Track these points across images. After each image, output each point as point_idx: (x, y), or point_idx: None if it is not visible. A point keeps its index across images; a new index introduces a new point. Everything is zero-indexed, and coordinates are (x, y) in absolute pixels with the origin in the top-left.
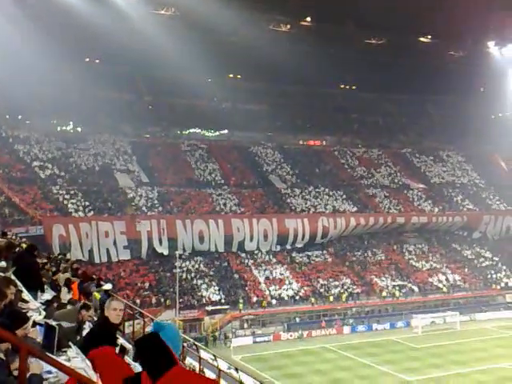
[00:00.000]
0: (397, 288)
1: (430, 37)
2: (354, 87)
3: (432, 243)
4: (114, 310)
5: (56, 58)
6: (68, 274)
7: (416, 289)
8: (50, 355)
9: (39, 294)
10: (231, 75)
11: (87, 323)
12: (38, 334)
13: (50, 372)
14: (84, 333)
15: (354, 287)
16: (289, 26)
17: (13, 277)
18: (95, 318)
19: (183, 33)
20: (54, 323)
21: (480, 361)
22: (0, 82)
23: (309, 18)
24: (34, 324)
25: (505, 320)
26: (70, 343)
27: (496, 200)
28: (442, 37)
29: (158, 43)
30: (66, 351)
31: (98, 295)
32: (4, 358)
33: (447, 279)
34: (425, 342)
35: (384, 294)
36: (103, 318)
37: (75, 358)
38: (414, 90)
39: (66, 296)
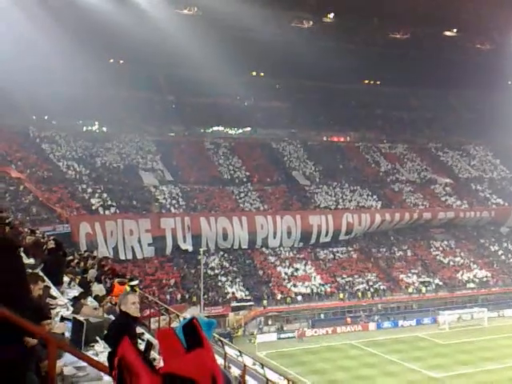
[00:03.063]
0: (423, 284)
1: (455, 30)
2: (378, 82)
3: (459, 239)
4: (133, 304)
5: (81, 58)
6: (94, 271)
7: (443, 285)
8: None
9: (65, 289)
10: (254, 73)
11: None
12: (64, 329)
13: (79, 368)
14: None
15: (380, 283)
16: (311, 23)
17: (41, 273)
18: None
19: (206, 31)
20: (81, 318)
21: (509, 357)
22: (27, 83)
23: (331, 15)
24: (62, 319)
25: None
26: (98, 338)
27: None
28: (467, 30)
29: (180, 42)
30: (93, 346)
31: (128, 288)
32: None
33: (475, 275)
34: (452, 338)
35: (410, 290)
36: (123, 314)
37: (103, 353)
38: (440, 84)
39: (101, 291)
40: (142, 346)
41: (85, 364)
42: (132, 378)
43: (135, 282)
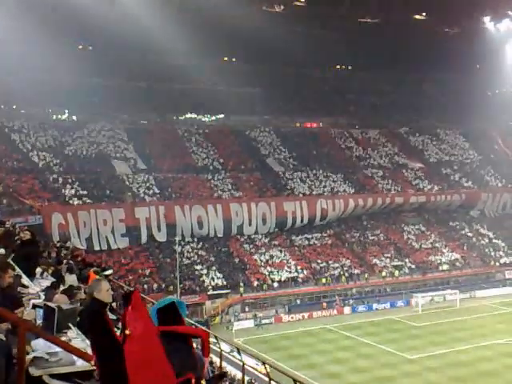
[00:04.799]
0: (396, 268)
1: (424, 14)
2: (349, 67)
3: (431, 222)
4: (107, 291)
5: (49, 46)
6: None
7: (415, 268)
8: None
9: (38, 279)
10: (226, 58)
11: None
12: (35, 316)
13: (51, 353)
14: None
15: (354, 268)
16: (282, 7)
17: (11, 262)
18: None
19: (176, 16)
20: (53, 305)
21: (481, 337)
22: None
23: None
24: (34, 306)
25: (504, 296)
26: (70, 324)
27: (494, 177)
28: (436, 14)
29: (151, 28)
30: (66, 332)
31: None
32: (4, 339)
33: (446, 258)
34: (425, 320)
35: (384, 273)
36: (95, 301)
37: (75, 339)
38: (410, 69)
39: (74, 282)
40: (118, 332)
41: (57, 349)
42: (131, 324)
43: (109, 272)
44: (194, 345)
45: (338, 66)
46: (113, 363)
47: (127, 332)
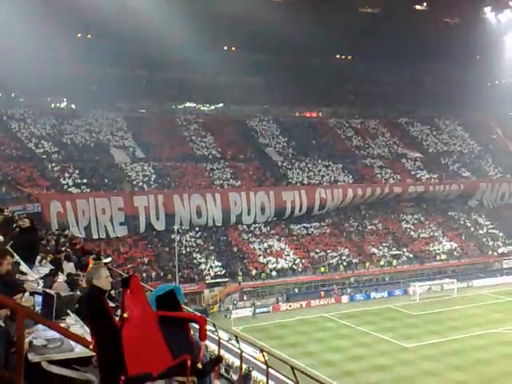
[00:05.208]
0: (394, 257)
1: (425, 4)
2: (349, 57)
3: (429, 212)
4: (107, 278)
5: (48, 34)
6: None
7: (413, 257)
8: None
9: (36, 267)
10: (225, 47)
11: None
12: (33, 302)
13: (49, 339)
14: None
15: (352, 257)
16: None
17: (10, 249)
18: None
19: (176, 4)
20: (52, 292)
21: (477, 326)
22: None
23: None
24: (33, 293)
25: (501, 286)
26: (69, 311)
27: (492, 167)
28: (437, 4)
29: (150, 16)
30: (64, 319)
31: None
32: (3, 325)
33: (444, 247)
34: (422, 309)
35: (381, 263)
36: (94, 288)
37: (74, 325)
38: (410, 59)
39: (72, 270)
40: (117, 318)
41: (55, 336)
42: (129, 306)
43: (108, 260)
44: (192, 332)
45: (338, 56)
46: (111, 348)
47: (125, 315)
